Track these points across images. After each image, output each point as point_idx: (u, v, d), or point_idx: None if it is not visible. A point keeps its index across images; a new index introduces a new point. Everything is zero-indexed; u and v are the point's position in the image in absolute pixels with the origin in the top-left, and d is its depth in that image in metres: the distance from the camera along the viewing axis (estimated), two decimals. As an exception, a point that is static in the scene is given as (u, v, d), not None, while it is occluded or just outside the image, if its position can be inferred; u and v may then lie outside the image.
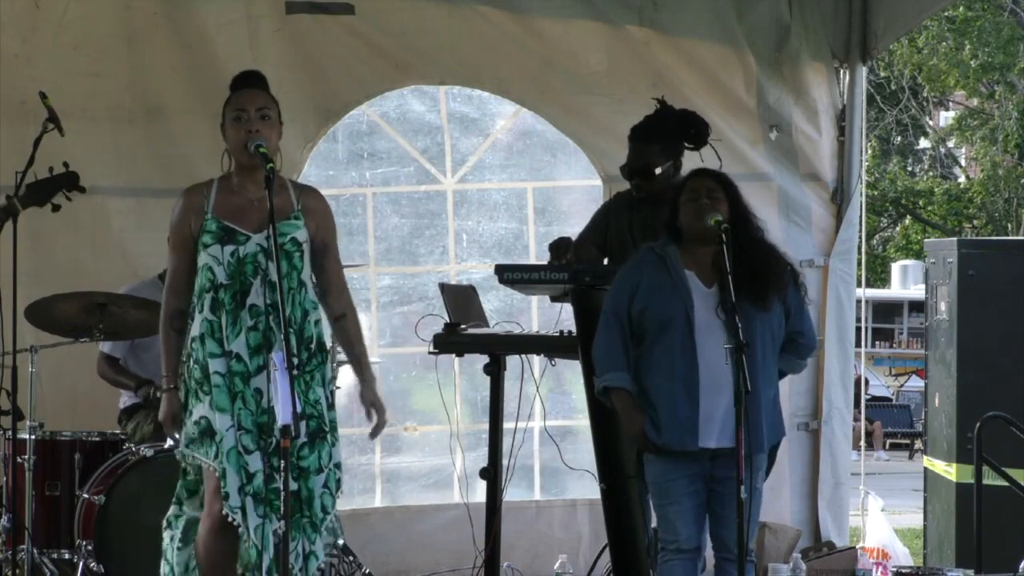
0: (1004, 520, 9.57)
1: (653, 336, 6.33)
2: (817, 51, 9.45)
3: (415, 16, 9.11)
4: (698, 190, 6.42)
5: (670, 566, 6.41)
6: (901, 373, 30.29)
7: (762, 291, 6.31)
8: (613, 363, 6.37)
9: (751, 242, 6.40)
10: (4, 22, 8.63)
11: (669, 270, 6.37)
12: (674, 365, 6.28)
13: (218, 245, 6.04)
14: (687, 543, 6.37)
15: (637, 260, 6.52)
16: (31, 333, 7.56)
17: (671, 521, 6.38)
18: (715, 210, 6.35)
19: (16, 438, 7.32)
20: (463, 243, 9.73)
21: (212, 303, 6.03)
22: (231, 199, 6.08)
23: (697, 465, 6.33)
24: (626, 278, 6.47)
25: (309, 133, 9.07)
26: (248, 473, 5.96)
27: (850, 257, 9.52)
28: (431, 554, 9.15)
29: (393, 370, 9.61)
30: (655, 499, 6.47)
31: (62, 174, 7.10)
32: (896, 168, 35.36)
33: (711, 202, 6.37)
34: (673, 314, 6.29)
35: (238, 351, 6.01)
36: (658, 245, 6.47)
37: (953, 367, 10.20)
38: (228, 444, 5.96)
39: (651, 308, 6.34)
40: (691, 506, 6.37)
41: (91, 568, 7.41)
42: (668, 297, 6.32)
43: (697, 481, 6.36)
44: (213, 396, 5.98)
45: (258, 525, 5.95)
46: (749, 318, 6.27)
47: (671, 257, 6.39)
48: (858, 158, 9.57)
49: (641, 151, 7.27)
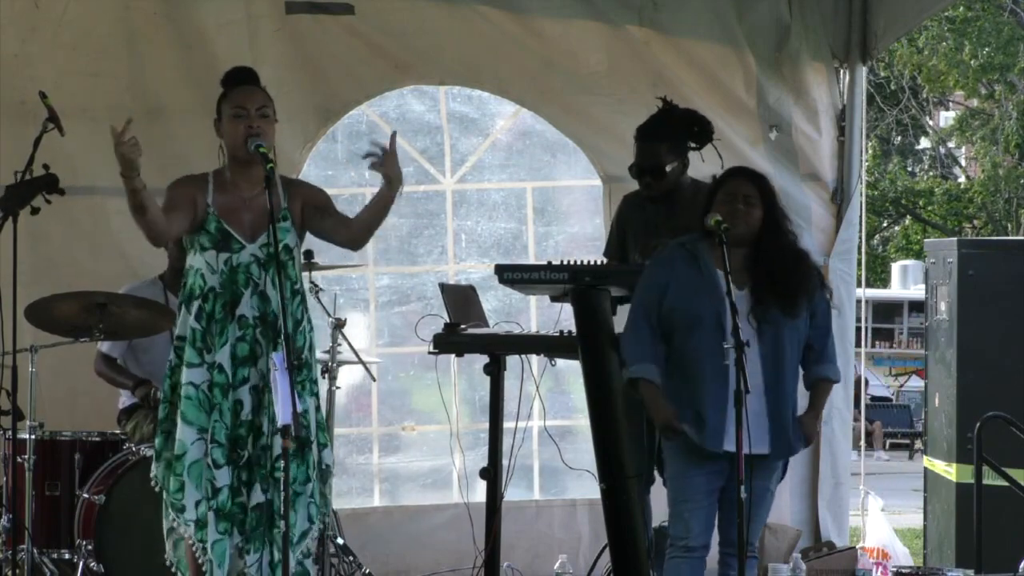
0: (1004, 520, 9.57)
1: (684, 334, 6.32)
2: (817, 51, 9.45)
3: (415, 16, 9.11)
4: (735, 194, 6.37)
5: (676, 563, 6.42)
6: (901, 373, 30.29)
7: (791, 299, 6.31)
8: (641, 354, 6.35)
9: (781, 250, 6.38)
10: (4, 22, 8.62)
11: (701, 268, 6.33)
12: (706, 366, 6.26)
13: (213, 251, 6.04)
14: (696, 541, 6.38)
15: (668, 256, 6.47)
16: (31, 333, 7.56)
17: (685, 519, 6.39)
18: (749, 216, 6.32)
19: (16, 438, 7.32)
20: (462, 243, 9.72)
21: (198, 311, 6.02)
22: (226, 196, 6.10)
23: (718, 466, 6.33)
24: (657, 274, 6.43)
25: (308, 133, 9.07)
26: (214, 488, 5.95)
27: (850, 257, 9.51)
28: (431, 554, 9.15)
29: (392, 370, 9.61)
30: (672, 494, 6.47)
31: (41, 176, 7.06)
32: (896, 168, 35.35)
33: (746, 208, 6.34)
34: (704, 314, 6.27)
35: (221, 362, 6.00)
36: (688, 241, 6.42)
37: (953, 367, 10.20)
38: (191, 458, 5.96)
39: (681, 306, 6.32)
40: (706, 505, 6.39)
41: (91, 568, 7.41)
42: (699, 296, 6.29)
43: (715, 482, 6.37)
44: (182, 408, 5.98)
45: (217, 540, 5.94)
46: (778, 325, 6.28)
47: (702, 255, 6.35)
48: (858, 158, 9.56)
49: (650, 150, 7.27)
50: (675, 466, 6.44)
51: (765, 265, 6.33)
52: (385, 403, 9.68)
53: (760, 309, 6.29)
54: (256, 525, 5.98)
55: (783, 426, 6.31)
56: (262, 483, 5.98)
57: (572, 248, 9.51)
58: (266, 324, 6.02)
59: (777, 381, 6.30)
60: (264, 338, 6.01)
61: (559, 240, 9.78)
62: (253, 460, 6.00)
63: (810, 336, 6.44)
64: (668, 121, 7.31)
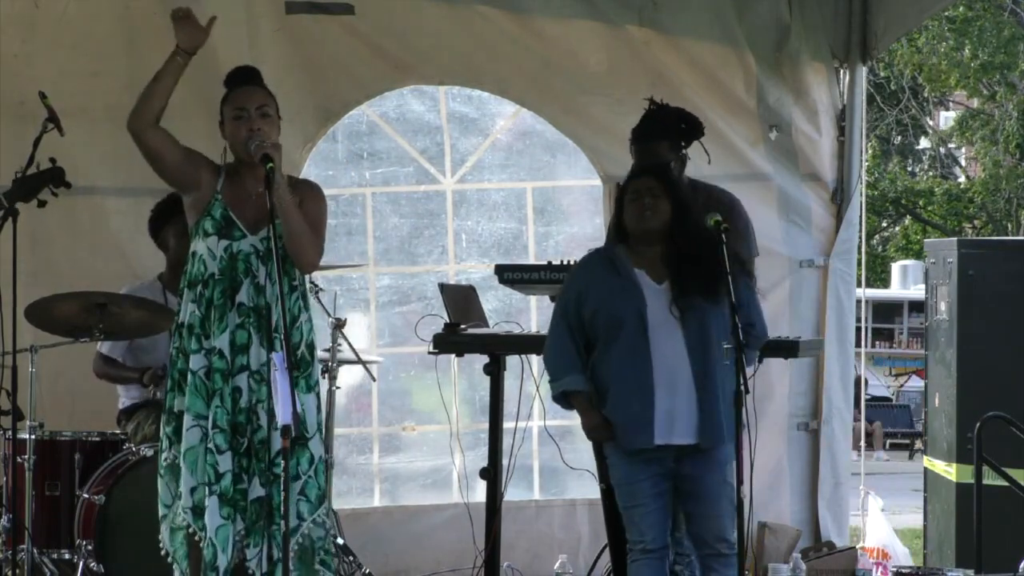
0: (1004, 520, 9.56)
1: (606, 338, 6.35)
2: (817, 51, 9.45)
3: (415, 16, 9.11)
4: (640, 191, 6.44)
5: (637, 567, 6.44)
6: (901, 373, 30.28)
7: (711, 285, 6.32)
8: (567, 366, 6.40)
9: (695, 235, 6.41)
10: (4, 22, 8.62)
11: (619, 271, 6.39)
12: (627, 365, 6.29)
13: (215, 237, 6.07)
14: (653, 543, 6.39)
15: (584, 263, 6.56)
16: (31, 333, 7.56)
17: (636, 523, 6.41)
18: (657, 209, 6.36)
19: (16, 438, 7.33)
20: (462, 243, 9.73)
21: (198, 297, 6.05)
22: (234, 187, 6.12)
23: (660, 465, 6.34)
24: (574, 281, 6.50)
25: (309, 133, 9.07)
26: (217, 473, 5.97)
27: (850, 257, 9.51)
28: (431, 554, 9.15)
29: (392, 370, 9.61)
30: (620, 501, 6.47)
31: (47, 170, 7.09)
32: (896, 168, 35.36)
33: (653, 201, 6.39)
34: (625, 314, 6.31)
35: (221, 347, 6.02)
36: (604, 247, 6.52)
37: (953, 367, 10.20)
38: (186, 444, 5.98)
39: (602, 310, 6.36)
40: (656, 507, 6.39)
41: (91, 568, 7.41)
42: (619, 298, 6.34)
43: (661, 482, 6.38)
44: (186, 395, 6.01)
45: (220, 525, 5.95)
46: (703, 312, 6.29)
47: (619, 257, 6.41)
48: (858, 158, 9.56)
49: (649, 151, 7.26)
50: (617, 472, 6.45)
51: (680, 253, 6.36)
52: (385, 403, 9.68)
53: (683, 299, 6.31)
54: (256, 519, 5.99)
55: (712, 415, 6.30)
56: (260, 477, 5.99)
57: (572, 248, 9.50)
58: (260, 316, 6.03)
59: (705, 370, 6.30)
60: (256, 331, 6.02)
61: (559, 240, 9.78)
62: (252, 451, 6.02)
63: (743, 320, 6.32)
64: (662, 119, 7.32)
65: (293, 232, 5.99)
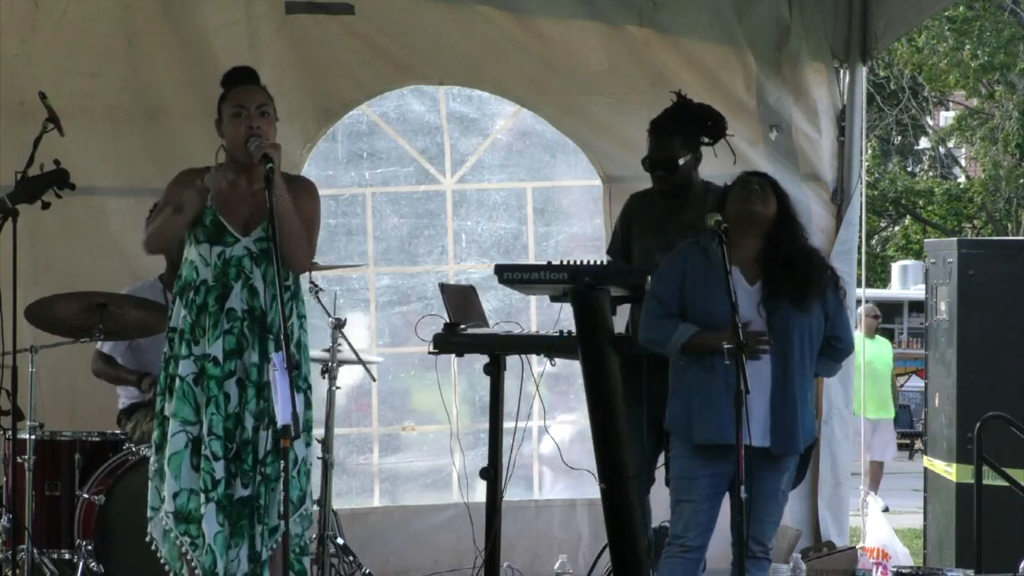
0: (1004, 520, 9.57)
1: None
2: (817, 51, 9.45)
3: (415, 16, 9.11)
4: (751, 181, 6.48)
5: (671, 563, 6.43)
6: (901, 373, 30.27)
7: (802, 292, 6.34)
8: (671, 325, 6.37)
9: (793, 244, 6.44)
10: (4, 22, 8.62)
11: (715, 265, 6.35)
12: (716, 360, 6.27)
13: (207, 244, 6.06)
14: (694, 542, 6.39)
15: (681, 252, 6.54)
16: (31, 333, 7.56)
17: (684, 518, 6.41)
18: (764, 202, 6.41)
19: (16, 438, 7.32)
20: (462, 243, 9.72)
21: (189, 303, 6.04)
22: (225, 190, 6.09)
23: (724, 465, 6.31)
24: (672, 268, 6.49)
25: (309, 133, 9.07)
26: (213, 480, 5.96)
27: (850, 257, 9.51)
28: (431, 554, 9.15)
29: (392, 370, 9.61)
30: (675, 493, 6.48)
31: (52, 171, 7.09)
32: (896, 168, 35.33)
33: (762, 191, 6.43)
34: (717, 309, 6.27)
35: (215, 354, 6.01)
36: (702, 239, 6.47)
37: (953, 367, 10.20)
38: (171, 449, 5.98)
39: (695, 303, 6.36)
40: (707, 508, 6.40)
41: (91, 568, 7.40)
42: (712, 292, 6.31)
43: (720, 483, 6.38)
44: (173, 400, 6.00)
45: (218, 532, 5.95)
46: (788, 318, 6.31)
47: (714, 253, 6.36)
48: (858, 158, 9.57)
49: (663, 144, 7.30)
50: (680, 465, 6.44)
51: (778, 257, 6.37)
52: (385, 403, 9.68)
53: (771, 302, 6.31)
54: (238, 519, 6.00)
55: (787, 420, 6.31)
56: (243, 478, 5.99)
57: (572, 248, 9.51)
58: (254, 318, 6.03)
59: (784, 375, 6.31)
60: (251, 333, 6.02)
61: (559, 240, 9.78)
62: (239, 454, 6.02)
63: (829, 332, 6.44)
64: (682, 115, 7.35)
65: (288, 234, 5.98)
